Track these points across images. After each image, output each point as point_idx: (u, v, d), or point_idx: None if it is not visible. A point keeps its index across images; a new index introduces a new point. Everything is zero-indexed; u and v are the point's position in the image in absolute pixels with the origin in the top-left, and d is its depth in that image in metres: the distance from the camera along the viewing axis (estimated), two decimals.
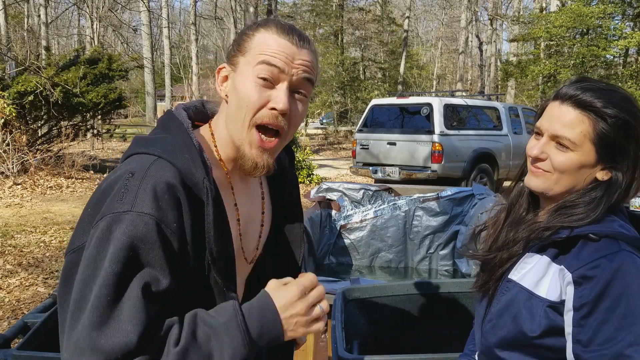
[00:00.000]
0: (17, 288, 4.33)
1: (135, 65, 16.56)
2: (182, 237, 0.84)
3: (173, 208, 0.84)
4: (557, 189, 1.08)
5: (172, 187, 0.84)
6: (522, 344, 1.06)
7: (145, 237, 0.80)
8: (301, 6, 25.51)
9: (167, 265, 0.82)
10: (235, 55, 0.96)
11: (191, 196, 0.86)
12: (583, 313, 0.96)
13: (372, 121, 9.05)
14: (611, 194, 1.05)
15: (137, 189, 0.83)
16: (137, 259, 0.80)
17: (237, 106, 0.93)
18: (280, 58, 0.91)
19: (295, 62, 0.92)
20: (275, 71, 0.91)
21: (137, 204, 0.82)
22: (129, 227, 0.80)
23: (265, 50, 0.92)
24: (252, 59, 0.92)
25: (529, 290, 1.06)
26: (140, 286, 0.79)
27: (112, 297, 0.77)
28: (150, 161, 0.87)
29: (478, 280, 1.22)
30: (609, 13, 15.23)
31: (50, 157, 9.81)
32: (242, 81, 0.93)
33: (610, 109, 1.02)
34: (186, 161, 0.88)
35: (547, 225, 1.07)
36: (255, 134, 0.93)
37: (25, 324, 1.74)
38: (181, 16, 48.46)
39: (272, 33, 0.93)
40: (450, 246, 4.17)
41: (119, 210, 0.81)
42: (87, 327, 0.76)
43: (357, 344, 1.90)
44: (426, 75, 36.35)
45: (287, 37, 0.93)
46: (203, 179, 0.88)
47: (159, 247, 0.81)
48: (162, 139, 0.92)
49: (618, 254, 0.97)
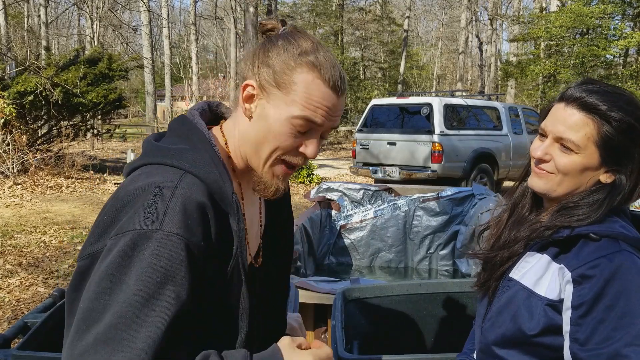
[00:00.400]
0: (17, 288, 4.33)
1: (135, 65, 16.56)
2: (207, 253, 0.84)
3: (200, 225, 0.82)
4: (560, 191, 1.08)
5: (202, 205, 0.83)
6: (521, 342, 1.06)
7: (173, 258, 0.78)
8: (301, 6, 25.53)
9: (190, 283, 0.80)
10: (271, 84, 0.89)
11: (217, 210, 0.86)
12: (581, 312, 0.96)
13: (372, 121, 9.05)
14: (614, 197, 1.05)
15: (165, 207, 0.80)
16: (164, 281, 0.77)
17: (264, 137, 0.90)
18: (322, 114, 0.88)
19: (335, 114, 0.90)
20: (315, 126, 0.90)
21: (166, 223, 0.79)
22: (157, 247, 0.78)
23: (310, 104, 0.87)
24: (292, 103, 0.88)
25: (529, 288, 1.07)
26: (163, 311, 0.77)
27: (131, 318, 0.75)
28: (179, 176, 0.84)
29: (479, 278, 1.22)
30: (609, 13, 15.24)
31: (50, 157, 9.81)
32: (277, 120, 0.89)
33: (615, 112, 1.02)
34: (214, 176, 0.87)
35: (548, 225, 1.07)
36: (281, 167, 0.93)
37: (25, 324, 1.74)
38: (181, 16, 48.50)
39: (319, 79, 0.88)
40: (450, 246, 4.18)
41: (145, 228, 0.79)
42: (100, 342, 0.74)
43: (357, 344, 1.90)
44: (426, 75, 36.37)
45: (333, 87, 0.88)
46: (232, 193, 0.88)
47: (186, 267, 0.79)
48: (186, 151, 0.89)
49: (618, 254, 0.98)
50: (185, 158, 0.88)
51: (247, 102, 0.92)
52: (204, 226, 0.83)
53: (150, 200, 0.81)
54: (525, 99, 22.68)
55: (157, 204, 0.80)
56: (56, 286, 4.35)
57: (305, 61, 0.88)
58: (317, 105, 0.88)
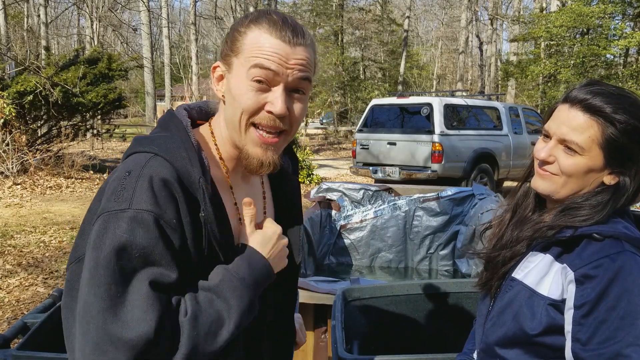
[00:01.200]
0: (16, 288, 4.33)
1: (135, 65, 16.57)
2: (182, 234, 0.84)
3: (171, 204, 0.83)
4: (563, 192, 1.08)
5: (168, 183, 0.84)
6: (522, 341, 1.06)
7: (146, 233, 0.80)
8: (301, 6, 25.52)
9: (173, 260, 0.82)
10: (228, 55, 0.92)
11: (187, 195, 0.86)
12: (583, 312, 0.96)
13: (372, 121, 9.05)
14: (618, 198, 1.05)
15: (134, 187, 0.82)
16: (140, 255, 0.79)
17: (233, 108, 0.91)
18: (274, 60, 0.88)
19: (290, 62, 0.89)
20: (270, 74, 0.88)
21: (135, 201, 0.81)
22: (130, 225, 0.79)
23: (258, 52, 0.88)
24: (245, 61, 0.89)
25: (531, 288, 1.06)
26: (148, 281, 0.79)
27: (122, 294, 0.77)
28: (147, 159, 0.86)
29: (481, 278, 1.22)
30: (609, 13, 15.23)
31: (49, 157, 9.81)
32: (237, 84, 0.90)
33: (619, 114, 1.02)
34: (182, 159, 0.87)
35: (551, 225, 1.07)
36: (254, 132, 0.91)
37: (25, 324, 1.74)
38: (181, 16, 48.50)
39: (264, 31, 0.89)
40: (450, 246, 4.17)
41: (115, 209, 0.81)
42: (101, 326, 0.76)
43: (357, 344, 1.89)
44: (426, 75, 36.38)
45: (279, 35, 0.89)
46: (199, 178, 0.87)
47: (161, 242, 0.81)
48: (160, 138, 0.91)
49: (621, 254, 0.98)
50: (157, 143, 0.90)
51: (217, 83, 0.95)
52: (174, 204, 0.84)
53: (120, 184, 0.83)
54: (525, 99, 22.68)
55: (126, 186, 0.83)
56: (56, 286, 4.35)
57: (253, 23, 0.91)
58: (267, 52, 0.88)
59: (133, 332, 0.76)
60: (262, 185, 1.09)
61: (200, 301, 0.84)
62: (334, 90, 23.94)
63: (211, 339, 0.82)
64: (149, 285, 0.78)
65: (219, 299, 0.84)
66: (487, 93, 21.40)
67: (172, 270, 0.81)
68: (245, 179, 1.03)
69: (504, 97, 20.05)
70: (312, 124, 29.72)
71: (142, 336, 0.76)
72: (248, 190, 1.04)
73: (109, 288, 0.77)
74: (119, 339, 0.76)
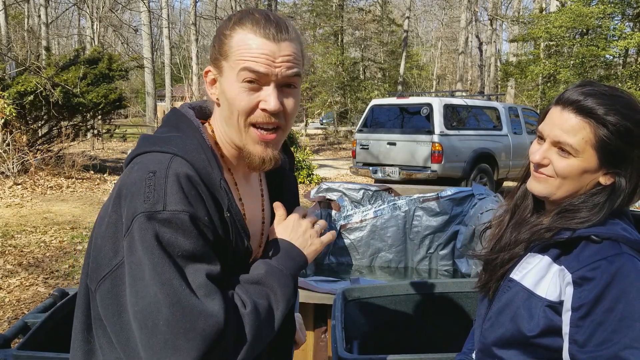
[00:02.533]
0: (17, 288, 4.33)
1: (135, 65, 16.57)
2: (214, 230, 0.87)
3: (200, 203, 0.85)
4: (559, 194, 1.08)
5: (195, 182, 0.85)
6: (520, 343, 1.06)
7: (185, 233, 0.81)
8: (301, 6, 25.52)
9: (214, 254, 0.85)
10: (218, 59, 0.93)
11: (211, 195, 0.88)
12: (581, 314, 0.96)
13: (372, 121, 9.05)
14: (614, 199, 1.05)
15: (163, 187, 0.83)
16: (184, 254, 0.81)
17: (229, 111, 0.93)
18: (262, 62, 0.89)
19: (277, 60, 0.90)
20: (259, 75, 0.90)
21: (169, 202, 0.81)
22: (169, 227, 0.80)
23: (246, 54, 0.89)
24: (234, 64, 0.90)
25: (529, 289, 1.07)
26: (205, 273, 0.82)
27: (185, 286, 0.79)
28: (169, 159, 0.87)
29: (480, 280, 1.22)
30: (608, 13, 15.22)
31: (50, 157, 9.81)
32: (229, 87, 0.92)
33: (611, 116, 1.02)
34: (202, 161, 0.89)
35: (548, 227, 1.07)
36: (254, 131, 0.93)
37: (26, 324, 1.75)
38: (181, 16, 48.47)
39: (248, 31, 0.90)
40: (450, 246, 4.18)
41: (150, 210, 0.81)
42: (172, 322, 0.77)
43: (357, 344, 1.90)
44: (426, 76, 36.36)
45: (263, 34, 0.90)
46: (220, 179, 0.89)
47: (201, 239, 0.83)
48: (175, 138, 0.92)
49: (618, 256, 0.98)
50: (174, 143, 0.90)
51: (211, 87, 0.96)
52: (203, 203, 0.86)
53: (147, 185, 0.83)
54: (525, 99, 22.67)
55: (155, 187, 0.83)
56: (56, 286, 4.35)
57: (238, 25, 0.92)
58: (254, 54, 0.89)
59: (204, 323, 0.78)
60: (259, 182, 1.10)
61: (253, 294, 0.88)
62: (334, 90, 23.93)
63: (269, 327, 0.88)
64: (206, 277, 0.81)
65: (268, 290, 0.90)
66: (487, 93, 21.41)
67: (216, 264, 0.85)
68: (246, 177, 1.05)
69: (504, 97, 20.05)
70: (312, 124, 29.71)
71: (213, 326, 0.78)
72: (248, 188, 1.05)
73: (171, 284, 0.78)
74: (191, 331, 0.77)
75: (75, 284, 4.39)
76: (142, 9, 22.44)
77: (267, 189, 1.12)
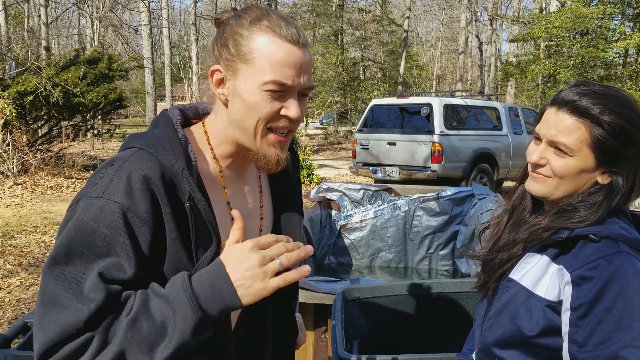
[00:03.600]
0: (17, 288, 4.33)
1: (135, 65, 16.57)
2: (155, 228, 0.84)
3: (146, 199, 0.84)
4: (557, 194, 1.09)
5: (147, 178, 0.85)
6: (520, 342, 1.06)
7: (110, 224, 0.81)
8: (301, 6, 25.51)
9: (134, 254, 0.82)
10: (233, 60, 0.90)
11: (171, 188, 0.87)
12: (580, 313, 0.96)
13: (372, 121, 9.05)
14: (612, 198, 1.05)
15: (111, 177, 0.85)
16: (100, 242, 0.81)
17: (244, 114, 0.91)
18: (290, 75, 0.89)
19: (302, 70, 0.90)
20: (286, 87, 0.90)
21: (108, 192, 0.83)
22: (96, 211, 0.82)
23: (274, 65, 0.88)
24: (259, 72, 0.88)
25: (528, 289, 1.07)
26: (98, 271, 0.79)
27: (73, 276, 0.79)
28: (130, 153, 0.89)
29: (479, 280, 1.23)
30: (608, 13, 15.22)
31: (50, 157, 9.81)
32: (248, 92, 0.90)
33: (606, 115, 1.02)
34: (167, 153, 0.89)
35: (546, 227, 1.07)
36: (273, 136, 0.94)
37: (25, 324, 1.74)
38: (181, 16, 48.48)
39: (274, 36, 0.88)
40: (450, 246, 4.18)
41: (90, 195, 0.84)
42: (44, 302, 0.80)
43: (357, 344, 1.90)
44: (426, 76, 36.36)
45: (292, 40, 0.89)
46: (182, 169, 0.88)
47: (125, 235, 0.81)
48: (148, 134, 0.94)
49: (617, 255, 0.98)
50: (145, 138, 0.92)
51: (218, 87, 0.94)
52: (150, 199, 0.84)
53: (100, 172, 0.87)
54: (525, 99, 22.68)
55: (104, 176, 0.85)
56: None
57: (257, 26, 0.90)
58: (281, 64, 0.88)
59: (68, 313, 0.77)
60: (258, 179, 1.10)
61: (149, 305, 0.80)
62: (334, 90, 23.93)
63: (146, 349, 0.77)
64: (98, 275, 0.79)
65: (168, 310, 0.79)
66: (487, 93, 21.41)
67: (131, 266, 0.81)
68: (240, 176, 1.04)
69: (504, 97, 20.05)
70: (312, 124, 29.71)
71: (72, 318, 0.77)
72: (243, 187, 1.05)
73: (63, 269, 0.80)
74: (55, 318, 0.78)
75: None
76: (142, 9, 22.44)
77: (269, 186, 1.12)
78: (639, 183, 1.06)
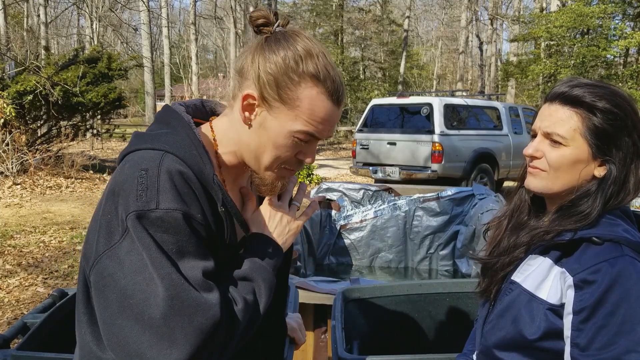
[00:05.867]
0: (16, 288, 4.33)
1: (134, 65, 16.52)
2: (208, 227, 0.87)
3: (194, 200, 0.85)
4: (555, 188, 1.09)
5: (188, 178, 0.85)
6: (521, 345, 1.06)
7: (178, 231, 0.81)
8: (301, 6, 25.53)
9: (207, 250, 0.86)
10: (274, 98, 0.88)
11: (204, 191, 0.87)
12: (582, 317, 0.96)
13: (372, 121, 9.05)
14: (606, 188, 1.05)
15: (156, 185, 0.82)
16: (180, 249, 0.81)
17: (264, 147, 0.91)
18: (324, 130, 0.91)
19: (333, 126, 0.93)
20: (316, 138, 0.92)
21: (162, 200, 0.81)
22: (161, 225, 0.80)
23: (313, 120, 0.88)
24: (296, 119, 0.88)
25: (530, 292, 1.06)
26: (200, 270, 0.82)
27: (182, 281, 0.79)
28: (160, 156, 0.86)
29: (480, 285, 1.22)
30: (609, 13, 15.23)
31: (49, 157, 9.80)
32: (278, 131, 0.89)
33: (598, 102, 1.04)
34: (195, 158, 0.88)
35: (547, 229, 1.07)
36: (283, 170, 0.95)
37: (25, 324, 1.74)
38: (181, 16, 48.49)
39: (323, 94, 0.88)
40: (451, 246, 4.17)
41: (143, 209, 0.80)
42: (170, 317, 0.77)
43: (357, 344, 1.89)
44: (426, 75, 36.37)
45: (335, 100, 0.90)
46: (213, 175, 0.88)
47: (193, 237, 0.83)
48: (166, 134, 0.91)
49: (620, 258, 0.97)
50: (165, 140, 0.89)
51: (246, 110, 0.91)
52: (196, 200, 0.86)
53: (139, 182, 0.82)
54: (525, 99, 22.68)
55: (148, 185, 0.82)
56: (56, 286, 4.35)
57: (308, 75, 0.87)
58: (320, 120, 0.89)
59: (202, 317, 0.79)
60: (250, 184, 1.09)
61: (242, 290, 0.90)
62: None
63: (256, 320, 0.91)
64: (202, 274, 0.82)
65: (254, 285, 0.92)
66: (487, 93, 21.39)
67: (210, 261, 0.85)
68: (237, 183, 1.04)
69: (504, 97, 20.05)
70: None
71: (210, 319, 0.79)
72: (236, 190, 1.05)
73: (170, 277, 0.79)
74: (188, 325, 0.78)
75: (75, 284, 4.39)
76: (141, 8, 22.43)
77: None
78: (634, 172, 1.06)
